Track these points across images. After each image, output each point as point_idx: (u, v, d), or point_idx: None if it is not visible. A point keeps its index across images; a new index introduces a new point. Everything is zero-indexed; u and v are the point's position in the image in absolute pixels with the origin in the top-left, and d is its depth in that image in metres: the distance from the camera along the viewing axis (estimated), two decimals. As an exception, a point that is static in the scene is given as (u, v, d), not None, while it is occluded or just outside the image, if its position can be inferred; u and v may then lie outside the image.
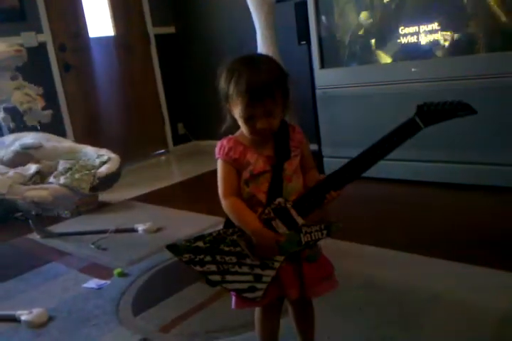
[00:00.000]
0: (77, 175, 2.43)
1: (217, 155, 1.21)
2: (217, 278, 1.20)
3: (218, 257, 1.19)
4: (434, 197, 2.83)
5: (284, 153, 1.20)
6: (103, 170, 2.56)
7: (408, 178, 3.04)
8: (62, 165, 2.60)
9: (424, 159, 2.97)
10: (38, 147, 2.75)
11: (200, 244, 1.19)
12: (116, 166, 2.62)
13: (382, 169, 3.14)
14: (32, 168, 2.55)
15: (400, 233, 2.35)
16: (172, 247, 1.22)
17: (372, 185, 3.15)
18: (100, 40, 4.45)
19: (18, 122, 3.07)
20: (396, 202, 2.84)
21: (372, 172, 2.99)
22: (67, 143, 2.94)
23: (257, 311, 1.34)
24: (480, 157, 2.76)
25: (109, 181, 2.58)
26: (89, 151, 2.80)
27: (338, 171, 1.23)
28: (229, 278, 1.19)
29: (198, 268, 1.21)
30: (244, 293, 1.20)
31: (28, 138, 2.85)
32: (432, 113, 1.21)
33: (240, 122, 1.16)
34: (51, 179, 2.49)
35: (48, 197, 2.34)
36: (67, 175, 2.46)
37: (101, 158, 2.66)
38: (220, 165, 1.21)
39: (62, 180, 2.44)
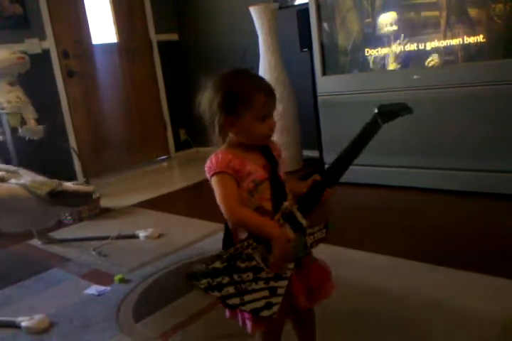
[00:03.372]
0: (40, 178, 2.38)
1: (213, 170, 1.16)
2: (236, 301, 1.15)
3: (236, 276, 1.14)
4: (434, 204, 2.82)
5: (273, 162, 1.23)
6: (71, 185, 2.51)
7: (408, 185, 3.04)
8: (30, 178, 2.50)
9: (422, 166, 2.97)
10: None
11: (218, 264, 1.15)
12: (87, 190, 2.55)
13: (381, 176, 3.15)
14: None
15: (400, 240, 2.35)
16: (191, 276, 1.17)
17: (372, 192, 3.16)
18: (103, 46, 4.49)
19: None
20: (395, 209, 2.83)
21: (371, 178, 3.03)
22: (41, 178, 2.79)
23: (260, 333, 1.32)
24: (479, 164, 2.75)
25: (74, 198, 2.47)
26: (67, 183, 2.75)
27: (328, 171, 1.29)
28: (247, 298, 1.15)
29: (216, 294, 1.15)
30: (261, 311, 1.16)
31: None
32: (387, 113, 1.40)
33: (252, 126, 1.17)
34: (12, 180, 2.40)
35: (1, 193, 2.22)
36: (31, 179, 2.39)
37: (77, 183, 2.63)
38: (219, 180, 1.16)
39: (22, 180, 2.37)
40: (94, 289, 2.16)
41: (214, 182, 1.16)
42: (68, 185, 2.48)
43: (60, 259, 2.60)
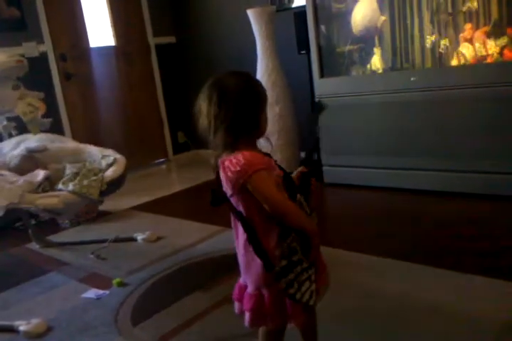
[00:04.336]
0: (85, 182, 2.43)
1: (253, 169, 1.12)
2: (299, 295, 1.17)
3: (295, 271, 1.17)
4: (435, 206, 2.82)
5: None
6: (109, 173, 2.57)
7: (408, 187, 3.04)
8: (69, 169, 2.60)
9: (419, 167, 2.97)
10: (43, 150, 2.76)
11: (284, 262, 1.16)
12: (123, 168, 2.64)
13: (379, 177, 3.15)
14: (40, 174, 2.55)
15: (399, 242, 2.34)
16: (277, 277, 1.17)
17: (370, 194, 3.16)
18: (101, 49, 4.48)
19: (22, 131, 3.10)
20: (396, 212, 2.83)
21: (370, 181, 3.03)
22: (71, 144, 2.95)
23: (261, 335, 1.33)
24: (482, 166, 2.75)
25: (115, 184, 2.59)
26: (94, 151, 2.81)
27: (306, 161, 1.32)
28: (303, 289, 1.17)
29: (291, 290, 1.16)
30: (310, 301, 1.19)
31: (32, 140, 2.85)
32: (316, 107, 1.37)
33: (263, 125, 1.20)
34: (60, 185, 2.49)
35: (59, 204, 2.34)
36: (76, 181, 2.46)
37: (106, 160, 2.67)
38: (263, 176, 1.13)
39: (71, 186, 2.44)
40: (92, 293, 2.16)
41: (257, 179, 1.12)
42: (108, 175, 2.55)
43: (58, 263, 2.59)
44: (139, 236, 2.79)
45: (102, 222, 3.28)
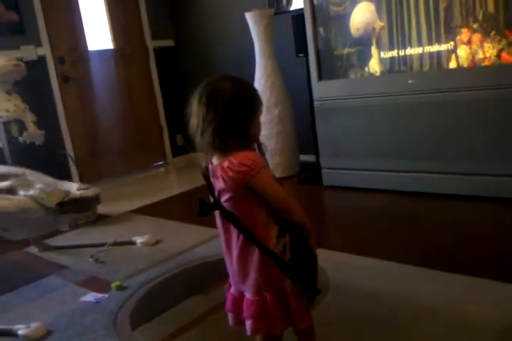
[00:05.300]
0: (49, 190, 2.39)
1: (258, 167, 1.13)
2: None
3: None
4: (434, 208, 2.82)
5: None
6: (76, 192, 2.53)
7: (407, 190, 3.04)
8: (38, 186, 2.52)
9: (417, 170, 2.97)
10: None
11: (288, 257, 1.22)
12: (92, 193, 2.58)
13: (377, 180, 3.15)
14: (4, 184, 2.49)
15: (399, 244, 2.35)
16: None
17: (368, 196, 3.16)
18: (99, 53, 4.49)
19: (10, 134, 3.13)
20: (392, 213, 2.83)
21: (371, 183, 3.01)
22: (48, 179, 2.83)
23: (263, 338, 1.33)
24: (479, 168, 2.76)
25: (82, 204, 2.51)
26: (71, 184, 2.77)
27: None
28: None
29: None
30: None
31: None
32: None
33: (253, 131, 1.19)
34: (20, 192, 2.41)
35: (11, 207, 2.25)
36: (38, 188, 2.40)
37: (80, 186, 2.64)
38: (265, 174, 1.15)
39: (31, 191, 2.38)
40: (91, 296, 2.15)
41: (262, 177, 1.14)
42: (74, 192, 2.49)
43: (57, 266, 2.59)
44: (138, 240, 2.79)
45: (101, 225, 3.28)
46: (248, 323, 1.23)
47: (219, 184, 1.17)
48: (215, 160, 1.20)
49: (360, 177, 3.24)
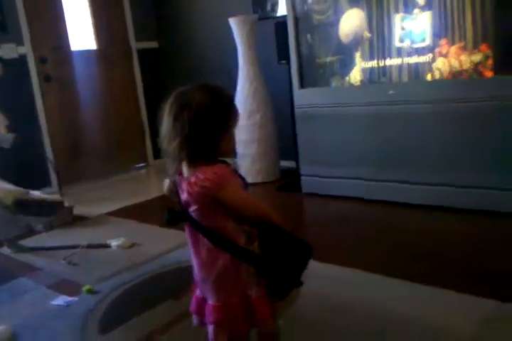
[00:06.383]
0: (7, 186, 2.36)
1: (224, 182, 1.12)
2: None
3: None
4: (411, 219, 2.82)
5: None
6: (38, 195, 2.50)
7: (384, 199, 3.05)
8: None
9: (402, 180, 2.98)
10: None
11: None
12: (54, 200, 2.55)
13: (360, 189, 3.16)
14: None
15: (374, 254, 2.35)
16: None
17: (349, 205, 3.16)
18: (82, 53, 4.46)
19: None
20: (372, 223, 2.83)
21: (349, 191, 2.98)
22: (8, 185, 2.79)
23: None
24: (457, 179, 2.78)
25: (43, 208, 2.48)
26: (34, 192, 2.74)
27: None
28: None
29: None
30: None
31: None
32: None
33: (225, 145, 1.17)
34: None
35: None
36: None
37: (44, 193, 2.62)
38: (232, 187, 1.14)
39: None
40: (61, 300, 2.13)
41: (229, 190, 1.13)
42: (35, 194, 2.45)
43: (30, 268, 2.56)
44: (113, 243, 2.77)
45: (77, 227, 3.25)
46: (210, 328, 1.24)
47: (185, 196, 1.17)
48: (184, 170, 1.20)
49: (338, 185, 3.25)
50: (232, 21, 3.68)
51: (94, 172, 4.54)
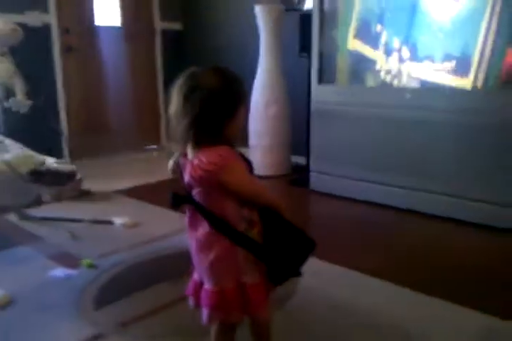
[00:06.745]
0: (25, 152, 2.37)
1: (227, 164, 1.12)
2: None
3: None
4: (414, 225, 2.80)
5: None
6: (54, 165, 2.51)
7: (392, 204, 3.02)
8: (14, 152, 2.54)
9: (410, 186, 2.94)
10: None
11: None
12: (70, 169, 2.55)
13: (367, 191, 3.14)
14: None
15: (374, 258, 2.33)
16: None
17: (355, 206, 3.13)
18: (106, 29, 4.46)
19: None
20: (375, 226, 2.81)
21: (356, 192, 2.95)
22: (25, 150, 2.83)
23: (214, 330, 1.35)
24: (460, 190, 2.75)
25: (56, 178, 2.50)
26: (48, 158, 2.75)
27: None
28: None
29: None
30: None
31: None
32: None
33: (230, 131, 1.17)
34: None
35: None
36: (12, 155, 2.39)
37: (58, 162, 2.63)
38: (235, 170, 1.14)
39: (6, 156, 2.38)
40: (60, 271, 2.16)
41: (233, 172, 1.13)
42: (50, 163, 2.47)
43: (32, 237, 2.59)
44: (118, 220, 2.79)
45: (83, 201, 3.28)
46: (204, 312, 1.25)
47: (188, 178, 1.17)
48: (189, 152, 1.20)
49: (346, 185, 3.23)
50: (259, 9, 3.65)
51: (106, 149, 4.56)
